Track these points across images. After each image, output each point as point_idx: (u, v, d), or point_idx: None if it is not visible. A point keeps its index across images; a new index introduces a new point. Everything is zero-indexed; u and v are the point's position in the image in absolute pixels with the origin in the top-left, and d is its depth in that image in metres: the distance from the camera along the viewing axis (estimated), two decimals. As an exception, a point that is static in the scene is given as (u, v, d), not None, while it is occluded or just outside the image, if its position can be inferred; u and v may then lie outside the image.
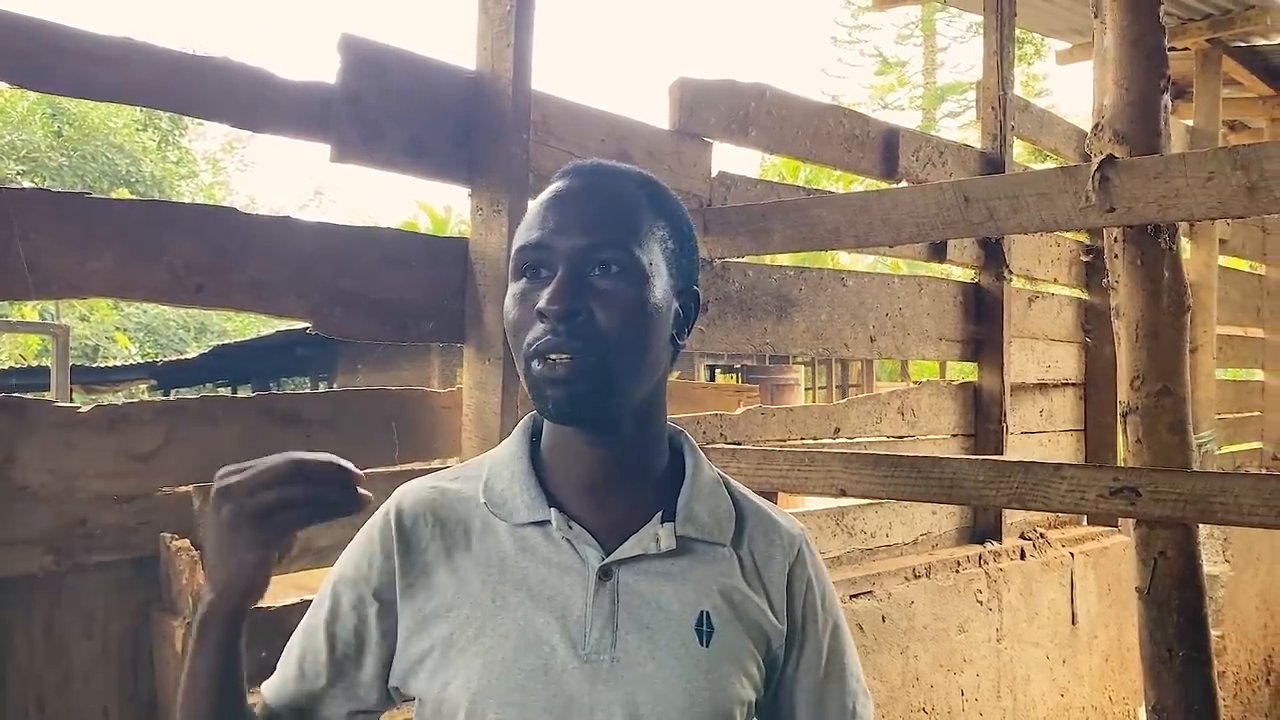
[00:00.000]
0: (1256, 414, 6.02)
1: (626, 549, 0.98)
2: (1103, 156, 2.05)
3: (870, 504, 3.32)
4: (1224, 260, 5.50)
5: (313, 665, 1.02)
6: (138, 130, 18.80)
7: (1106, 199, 2.03)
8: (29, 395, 1.82)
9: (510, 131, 2.19)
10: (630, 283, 0.95)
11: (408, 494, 1.04)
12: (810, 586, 1.07)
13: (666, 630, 0.97)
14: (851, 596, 3.03)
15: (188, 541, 1.81)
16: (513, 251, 0.99)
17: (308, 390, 11.61)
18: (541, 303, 0.92)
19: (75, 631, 1.78)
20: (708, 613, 0.98)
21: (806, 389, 14.67)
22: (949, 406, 3.68)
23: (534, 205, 1.00)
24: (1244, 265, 6.23)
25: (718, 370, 14.68)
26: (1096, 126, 2.23)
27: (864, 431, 3.36)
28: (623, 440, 1.00)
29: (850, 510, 3.27)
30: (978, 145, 3.83)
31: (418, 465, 2.20)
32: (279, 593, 2.06)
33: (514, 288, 0.97)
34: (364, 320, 2.12)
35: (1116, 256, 2.20)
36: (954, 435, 3.69)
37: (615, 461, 1.00)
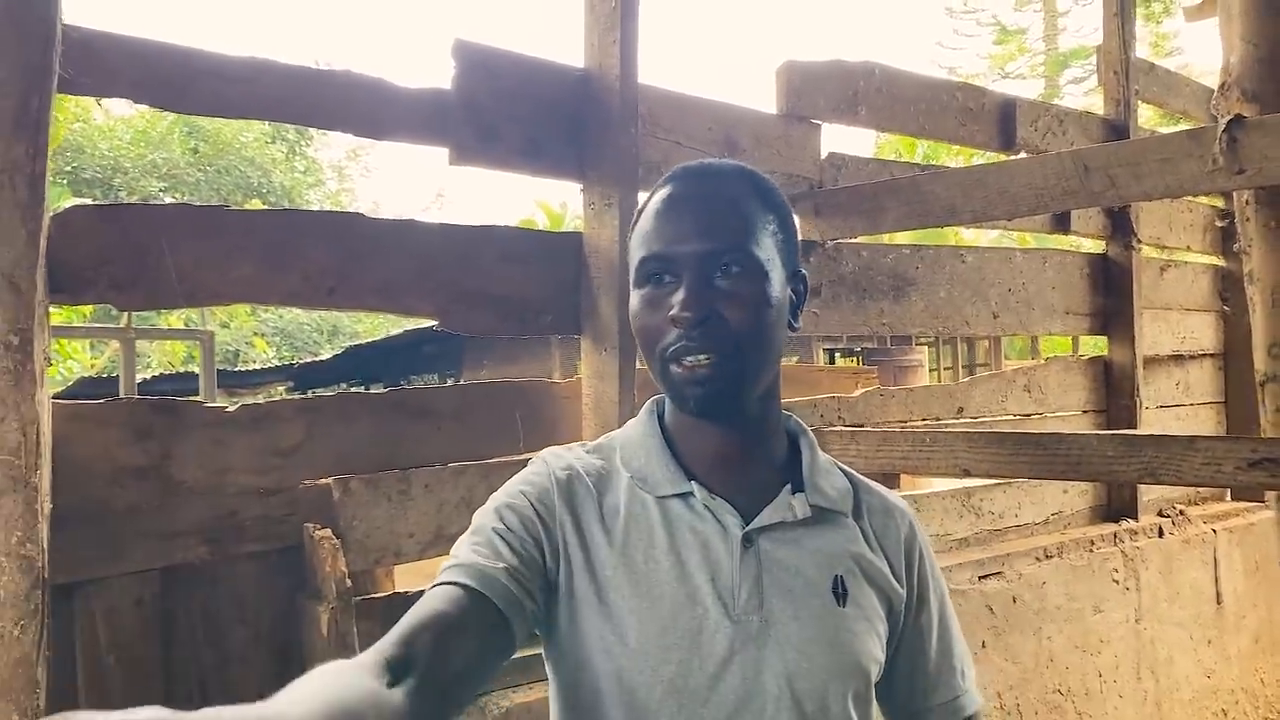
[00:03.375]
0: None
1: (766, 517, 1.04)
2: (1230, 116, 1.97)
3: (998, 484, 3.26)
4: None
5: (504, 542, 0.98)
6: (267, 143, 19.63)
7: (1235, 160, 1.95)
8: (181, 398, 1.95)
9: (618, 126, 2.23)
10: (752, 281, 1.00)
11: (559, 455, 1.10)
12: (924, 555, 1.15)
13: (806, 592, 1.03)
14: (980, 578, 2.98)
15: (329, 531, 1.91)
16: (636, 261, 1.04)
17: (436, 385, 11.94)
18: (674, 310, 0.98)
19: (230, 617, 1.91)
20: (841, 576, 1.05)
21: (931, 370, 14.33)
22: (1078, 382, 3.57)
23: (649, 213, 1.05)
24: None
25: (837, 354, 14.48)
26: (1223, 85, 2.14)
27: (989, 411, 3.30)
28: (749, 420, 1.06)
29: (977, 491, 3.21)
30: (1101, 112, 3.70)
31: (541, 454, 2.26)
32: (409, 580, 2.16)
33: (640, 294, 1.03)
34: (486, 316, 2.19)
35: (1248, 220, 2.11)
36: (1084, 412, 3.59)
37: (743, 440, 1.06)
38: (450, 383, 13.26)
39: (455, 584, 0.93)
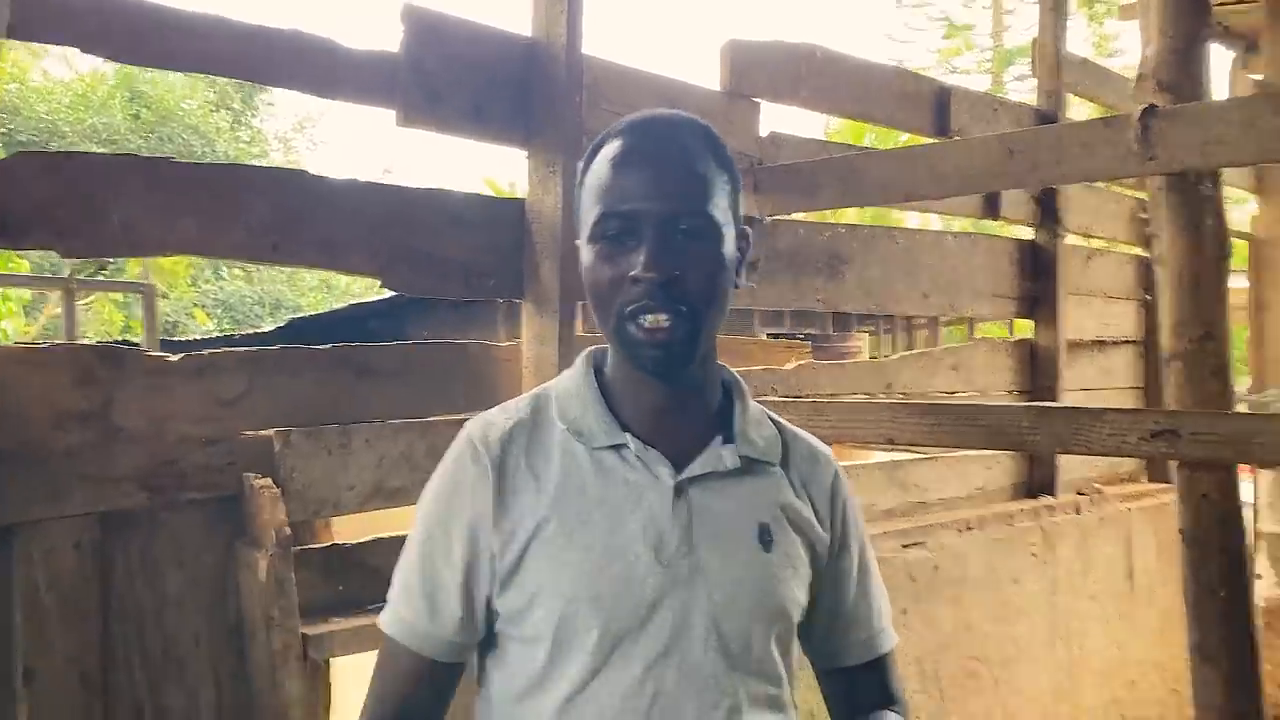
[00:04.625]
0: (1329, 374, 5.89)
1: (697, 467, 1.09)
2: (1144, 105, 2.08)
3: (924, 458, 3.38)
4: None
5: (443, 598, 1.09)
6: (211, 112, 19.27)
7: (1148, 147, 2.06)
8: (125, 345, 1.97)
9: (564, 95, 2.29)
10: (711, 241, 1.04)
11: (486, 423, 1.13)
12: (848, 502, 1.20)
13: (734, 539, 1.08)
14: (904, 547, 3.10)
15: (269, 480, 1.95)
16: (592, 216, 1.05)
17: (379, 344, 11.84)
18: (637, 269, 1.01)
19: (169, 562, 1.94)
20: (767, 524, 1.10)
21: (872, 357, 14.56)
22: (1004, 363, 3.70)
23: (603, 165, 1.06)
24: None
25: (781, 339, 14.64)
26: (1140, 76, 2.25)
27: (917, 388, 3.41)
28: (691, 375, 1.10)
29: (904, 464, 3.33)
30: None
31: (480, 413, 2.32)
32: (349, 533, 2.21)
33: (596, 249, 1.05)
34: (428, 277, 2.24)
35: (1159, 205, 2.22)
36: (1010, 392, 3.72)
37: (681, 394, 1.11)
38: (394, 358, 13.11)
39: (405, 649, 1.10)
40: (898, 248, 3.30)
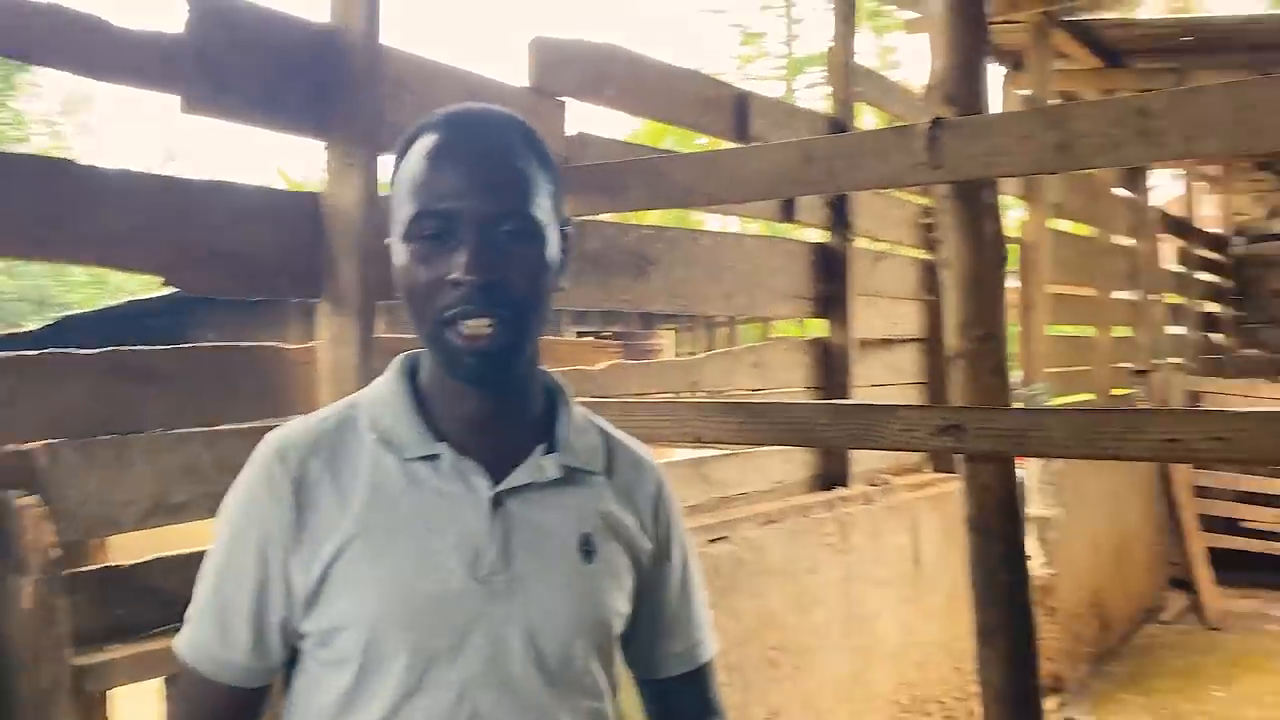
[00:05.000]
0: (1086, 368, 6.44)
1: (516, 478, 1.05)
2: (932, 117, 2.19)
3: (727, 454, 3.46)
4: (1057, 223, 5.85)
5: (232, 622, 1.04)
6: (-37, 90, 17.59)
7: (935, 157, 2.17)
8: None
9: (362, 86, 2.19)
10: (534, 243, 1.00)
11: (285, 438, 1.06)
12: (672, 512, 1.18)
13: (554, 551, 1.05)
14: (710, 541, 3.15)
15: (35, 498, 1.77)
16: (407, 214, 0.99)
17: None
18: (458, 272, 0.95)
19: (-86, 594, 1.73)
20: (589, 534, 1.07)
21: (675, 355, 14.89)
22: (800, 361, 3.84)
23: (418, 160, 1.00)
24: (1077, 228, 6.62)
25: (589, 337, 14.75)
26: (927, 89, 2.37)
27: (720, 386, 3.48)
28: (512, 383, 1.06)
29: (708, 461, 3.39)
30: (827, 112, 3.98)
31: (275, 420, 2.19)
32: (137, 550, 2.04)
33: (411, 249, 0.99)
34: (215, 275, 2.10)
35: (945, 212, 2.35)
36: (805, 389, 3.86)
37: (502, 402, 1.06)
38: (177, 359, 12.39)
39: (199, 674, 1.05)
40: (702, 249, 3.36)
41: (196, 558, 1.82)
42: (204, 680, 1.05)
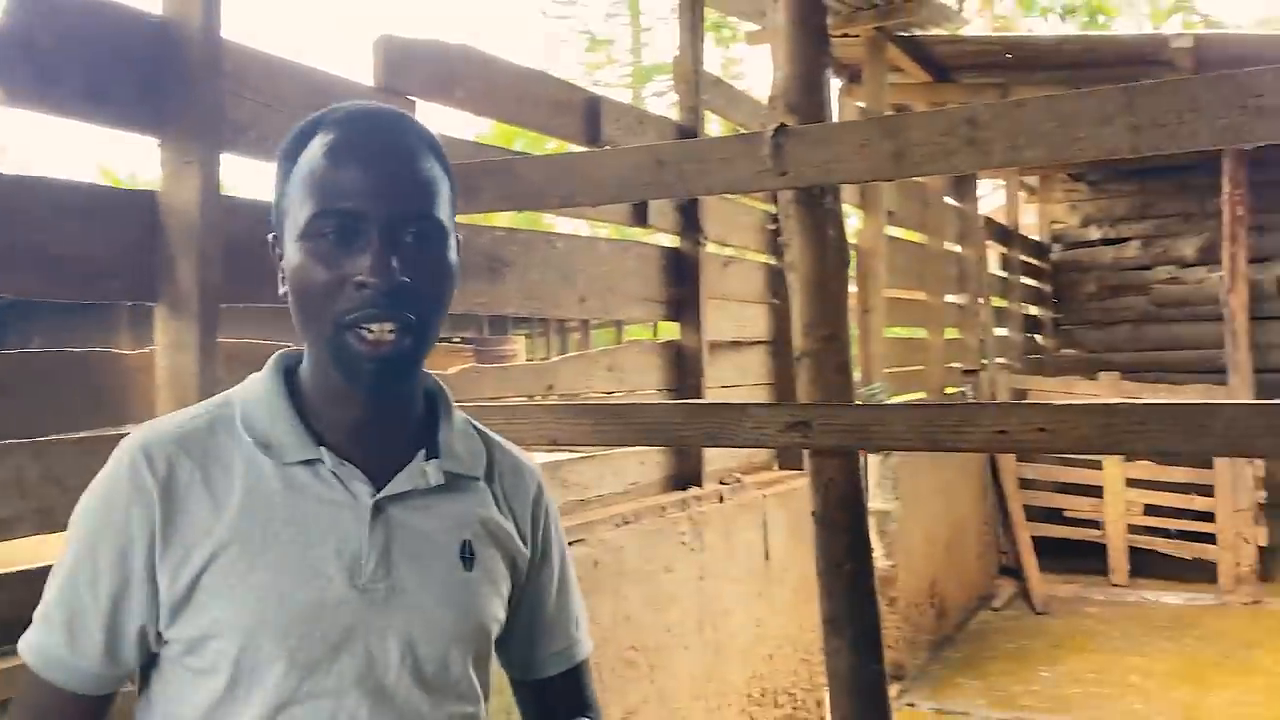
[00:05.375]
0: (920, 368, 6.76)
1: (398, 485, 1.03)
2: (776, 125, 2.26)
3: (583, 457, 3.47)
4: (892, 230, 6.11)
5: (84, 627, 0.99)
6: None
7: (780, 163, 2.24)
8: None
9: (200, 81, 2.11)
10: (439, 246, 0.99)
11: (151, 436, 1.01)
12: (550, 516, 1.20)
13: (434, 559, 1.04)
14: (568, 544, 3.16)
15: None
16: (305, 213, 0.96)
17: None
18: (363, 273, 0.93)
19: None
20: (469, 541, 1.06)
21: (528, 359, 14.87)
22: (654, 364, 3.89)
23: (316, 159, 0.97)
24: (910, 235, 6.95)
25: (441, 342, 14.59)
26: (772, 98, 2.44)
27: (576, 389, 3.50)
28: (400, 389, 1.04)
29: (565, 464, 3.40)
30: (676, 118, 4.05)
31: (109, 430, 2.08)
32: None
33: (309, 247, 0.96)
34: (35, 277, 1.97)
35: (789, 216, 2.43)
36: (660, 390, 3.91)
37: (384, 405, 1.04)
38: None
39: (43, 680, 1.00)
40: (556, 252, 3.36)
41: (22, 576, 1.73)
42: (50, 687, 1.00)
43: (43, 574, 1.06)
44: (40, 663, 1.00)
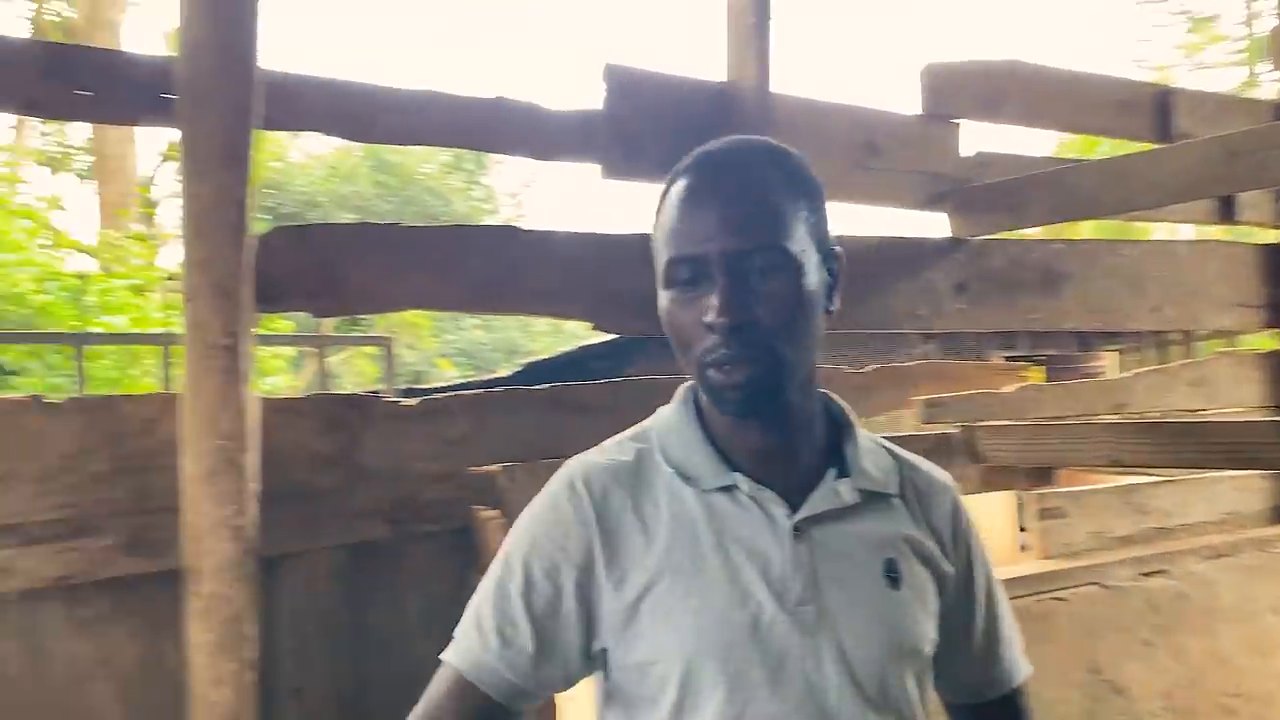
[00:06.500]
0: None
1: (814, 505, 1.03)
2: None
3: (1163, 481, 3.17)
4: None
5: (514, 633, 1.02)
6: (447, 174, 20.60)
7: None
8: (369, 395, 2.19)
9: (755, 133, 2.35)
10: (789, 279, 0.97)
11: (587, 466, 1.06)
12: (971, 529, 1.13)
13: (860, 578, 1.02)
14: (1143, 575, 2.92)
15: (497, 512, 2.10)
16: (662, 261, 0.99)
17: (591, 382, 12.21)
18: (709, 316, 0.95)
19: (411, 591, 2.12)
20: (893, 559, 1.04)
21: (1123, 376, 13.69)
22: (1253, 377, 3.43)
23: (671, 206, 1.00)
24: None
25: (1018, 361, 14.00)
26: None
27: (1151, 406, 3.22)
28: (789, 411, 1.03)
29: (1141, 488, 3.14)
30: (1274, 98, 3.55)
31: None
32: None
33: (669, 295, 0.99)
34: (634, 318, 2.35)
35: None
36: (1261, 408, 3.44)
37: (784, 430, 1.04)
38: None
39: (466, 682, 1.02)
40: (1123, 260, 3.14)
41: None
42: (467, 687, 1.03)
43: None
44: (468, 665, 1.02)
